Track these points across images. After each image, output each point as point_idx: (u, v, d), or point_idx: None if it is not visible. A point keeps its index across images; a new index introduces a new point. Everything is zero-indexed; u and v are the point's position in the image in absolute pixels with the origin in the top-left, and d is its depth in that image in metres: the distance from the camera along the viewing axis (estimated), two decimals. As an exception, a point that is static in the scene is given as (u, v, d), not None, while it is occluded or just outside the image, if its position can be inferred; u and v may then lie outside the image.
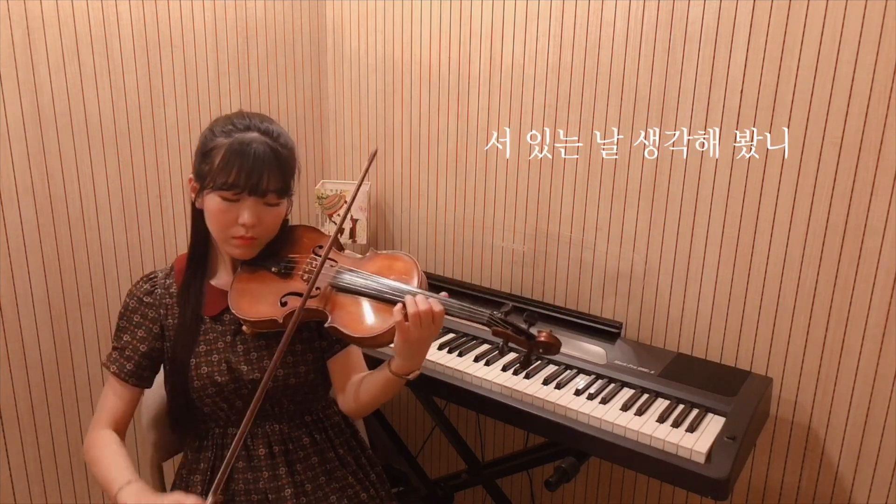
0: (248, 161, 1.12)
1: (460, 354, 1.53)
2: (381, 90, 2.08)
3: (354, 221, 2.05)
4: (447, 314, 1.13)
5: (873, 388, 1.43)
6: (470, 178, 1.94)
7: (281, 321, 1.16)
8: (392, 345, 1.15)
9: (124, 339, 1.21)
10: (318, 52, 2.18)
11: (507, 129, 1.82)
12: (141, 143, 1.77)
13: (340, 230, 1.20)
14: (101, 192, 1.71)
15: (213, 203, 1.15)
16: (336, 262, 1.24)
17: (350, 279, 1.21)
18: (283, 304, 1.19)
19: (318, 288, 1.19)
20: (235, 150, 1.13)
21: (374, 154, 1.25)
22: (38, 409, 1.68)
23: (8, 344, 1.60)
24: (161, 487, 1.39)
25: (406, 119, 2.04)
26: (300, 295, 1.18)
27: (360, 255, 1.29)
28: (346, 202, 2.06)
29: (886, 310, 1.38)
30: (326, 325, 1.17)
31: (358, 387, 1.24)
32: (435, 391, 1.52)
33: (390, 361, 1.18)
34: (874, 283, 1.39)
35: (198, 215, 1.22)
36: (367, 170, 1.25)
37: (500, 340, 1.16)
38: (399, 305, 1.11)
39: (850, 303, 1.42)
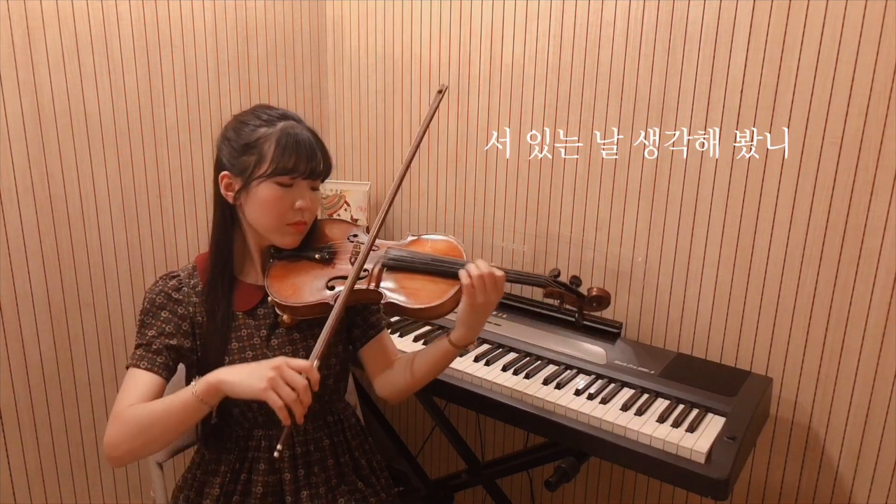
0: (304, 145, 1.15)
1: (461, 354, 1.53)
2: (381, 90, 2.08)
3: (354, 221, 2.06)
4: (507, 280, 1.18)
5: (873, 388, 1.43)
6: (470, 178, 1.94)
7: (332, 303, 1.16)
8: (450, 315, 1.20)
9: (150, 334, 1.14)
10: (318, 52, 2.18)
11: (507, 129, 1.83)
12: (141, 143, 1.77)
13: (390, 207, 1.24)
14: (101, 192, 1.71)
15: (267, 192, 1.14)
16: (378, 247, 1.27)
17: (402, 256, 1.23)
18: (331, 289, 1.19)
19: (366, 269, 1.21)
20: (289, 136, 1.14)
21: (443, 89, 1.25)
22: (38, 409, 1.68)
23: (8, 344, 1.60)
24: (163, 487, 1.39)
25: (406, 119, 2.04)
26: (347, 277, 1.19)
27: (400, 241, 1.32)
28: (346, 203, 2.06)
29: (886, 310, 1.38)
30: (382, 301, 1.18)
31: (410, 363, 1.26)
32: (435, 391, 1.52)
33: (449, 333, 1.21)
34: (874, 283, 1.39)
35: (224, 212, 1.20)
36: (436, 107, 1.24)
37: (555, 300, 1.24)
38: (464, 271, 1.14)
39: (850, 303, 1.42)
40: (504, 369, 1.47)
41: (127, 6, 1.69)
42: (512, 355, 1.54)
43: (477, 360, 1.50)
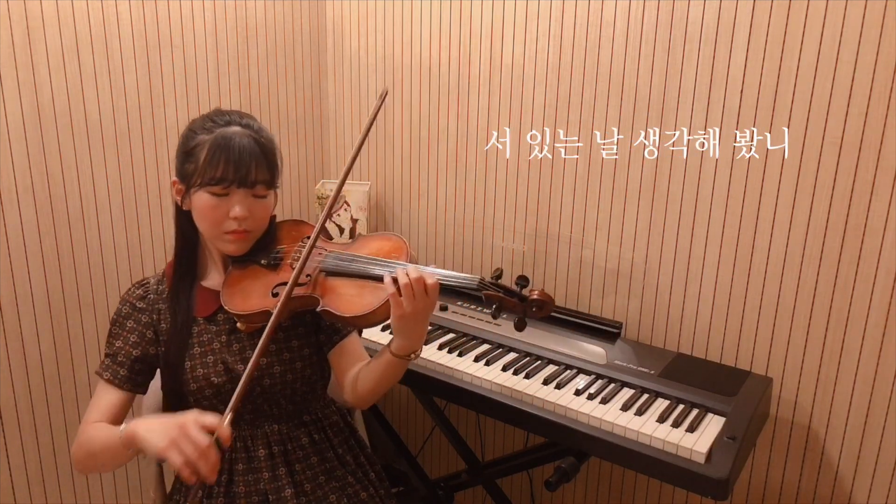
0: (234, 153, 1.13)
1: (460, 354, 1.53)
2: (381, 90, 2.08)
3: (354, 221, 2.06)
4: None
5: (873, 389, 1.43)
6: (470, 178, 1.94)
7: (274, 311, 1.15)
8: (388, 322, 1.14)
9: (116, 345, 1.19)
10: (318, 52, 2.18)
11: (507, 129, 1.83)
12: (141, 143, 1.77)
13: (329, 215, 1.19)
14: (101, 192, 1.71)
15: (202, 200, 1.14)
16: (325, 249, 1.24)
17: (337, 261, 1.20)
18: (275, 295, 1.18)
19: (308, 275, 1.19)
20: (220, 144, 1.13)
21: (385, 94, 1.23)
22: (38, 409, 1.68)
23: (8, 344, 1.60)
24: (163, 487, 1.39)
25: (406, 119, 2.03)
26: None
27: (348, 241, 1.30)
28: (346, 203, 2.06)
29: (886, 310, 1.38)
30: (318, 309, 1.16)
31: (367, 372, 1.22)
32: (435, 391, 1.52)
33: (390, 343, 1.17)
34: (874, 283, 1.39)
35: (182, 218, 1.22)
36: (376, 112, 1.20)
37: (493, 304, 1.14)
38: (389, 278, 1.09)
39: (850, 303, 1.42)
40: (504, 369, 1.47)
41: (127, 6, 1.69)
42: (512, 355, 1.54)
43: (477, 360, 1.50)
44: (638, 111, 1.60)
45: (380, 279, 1.12)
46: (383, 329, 1.67)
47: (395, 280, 1.08)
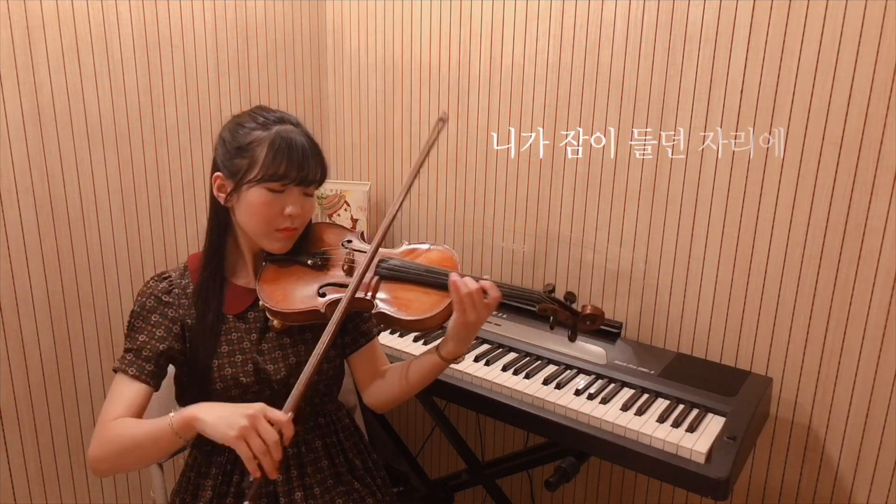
0: (296, 152, 1.13)
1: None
2: (381, 90, 2.08)
3: (354, 221, 2.06)
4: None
5: (873, 388, 1.43)
6: (470, 178, 1.94)
7: (323, 311, 1.16)
8: (440, 330, 1.19)
9: (140, 339, 1.13)
10: (318, 52, 2.18)
11: (508, 130, 1.83)
12: (141, 143, 1.77)
13: (390, 224, 1.23)
14: (101, 192, 1.71)
15: (256, 196, 1.13)
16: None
17: (397, 266, 1.22)
18: (322, 295, 1.18)
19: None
20: (282, 142, 1.13)
21: (442, 119, 1.28)
22: (38, 409, 1.68)
23: (8, 344, 1.60)
24: (163, 487, 1.39)
25: (406, 119, 2.04)
26: (339, 285, 1.19)
27: (393, 249, 1.31)
28: (346, 203, 2.06)
29: (886, 310, 1.38)
30: (374, 311, 1.17)
31: (400, 375, 1.25)
32: (435, 391, 1.52)
33: (439, 347, 1.20)
34: (874, 283, 1.39)
35: (218, 213, 1.20)
36: (434, 139, 1.26)
37: (549, 317, 1.21)
38: (456, 286, 1.12)
39: (850, 303, 1.42)
40: (504, 369, 1.47)
41: (127, 6, 1.69)
42: (512, 355, 1.54)
43: (477, 360, 1.50)
44: (638, 111, 1.60)
45: (438, 286, 1.17)
46: (390, 332, 1.66)
47: (457, 288, 1.12)
